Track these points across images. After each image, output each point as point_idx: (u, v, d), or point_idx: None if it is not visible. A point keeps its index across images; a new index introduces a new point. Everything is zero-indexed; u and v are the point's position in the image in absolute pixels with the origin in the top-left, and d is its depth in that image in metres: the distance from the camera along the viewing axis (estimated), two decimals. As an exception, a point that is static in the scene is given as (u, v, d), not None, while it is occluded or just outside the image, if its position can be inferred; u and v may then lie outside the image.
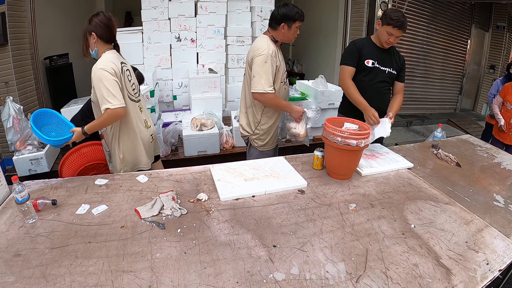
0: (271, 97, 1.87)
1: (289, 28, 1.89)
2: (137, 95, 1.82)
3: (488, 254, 1.16)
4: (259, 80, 1.84)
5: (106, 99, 1.52)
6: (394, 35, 1.99)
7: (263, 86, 1.83)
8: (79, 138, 1.62)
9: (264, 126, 2.04)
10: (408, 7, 5.14)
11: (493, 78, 6.51)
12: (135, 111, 1.76)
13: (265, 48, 1.85)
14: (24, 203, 1.20)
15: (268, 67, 1.83)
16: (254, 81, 1.86)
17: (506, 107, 3.04)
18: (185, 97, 4.11)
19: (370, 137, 1.63)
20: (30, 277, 0.97)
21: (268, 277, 1.02)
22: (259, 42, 1.92)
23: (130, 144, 1.75)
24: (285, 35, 1.91)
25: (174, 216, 1.30)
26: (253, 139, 2.09)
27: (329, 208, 1.40)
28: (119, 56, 1.74)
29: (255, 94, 1.88)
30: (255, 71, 1.86)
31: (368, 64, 2.08)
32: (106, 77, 1.53)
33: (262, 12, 4.09)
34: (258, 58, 1.84)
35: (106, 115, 1.54)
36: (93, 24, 1.63)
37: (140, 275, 1.00)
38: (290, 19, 1.86)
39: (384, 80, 2.12)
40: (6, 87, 3.22)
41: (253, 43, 1.98)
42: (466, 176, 1.78)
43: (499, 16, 6.56)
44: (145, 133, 1.83)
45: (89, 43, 1.67)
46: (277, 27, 1.89)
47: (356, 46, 2.11)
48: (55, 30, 4.37)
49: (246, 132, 2.13)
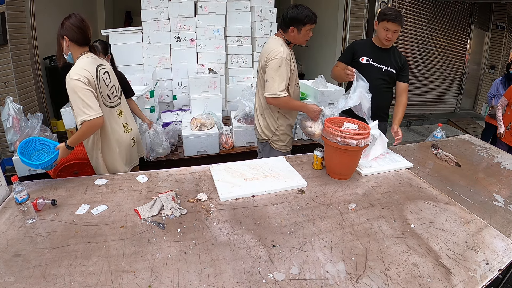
0: (284, 100, 1.83)
1: (299, 32, 1.84)
2: (116, 98, 1.77)
3: (487, 254, 1.16)
4: (272, 84, 1.80)
5: (82, 111, 1.49)
6: (390, 30, 2.00)
7: (276, 90, 1.79)
8: (65, 153, 1.59)
9: (283, 127, 2.02)
10: (408, 7, 5.14)
11: (493, 78, 6.51)
12: (111, 117, 1.71)
13: (279, 51, 1.80)
14: (23, 203, 1.20)
15: (282, 71, 1.80)
16: (268, 85, 1.83)
17: (511, 109, 2.97)
18: (184, 97, 4.11)
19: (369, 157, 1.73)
20: (29, 277, 0.97)
21: (268, 277, 1.02)
22: (273, 44, 1.87)
23: (107, 151, 1.72)
24: (295, 38, 1.87)
25: (174, 216, 1.30)
26: (274, 141, 2.05)
27: (329, 208, 1.40)
28: (96, 58, 1.66)
29: (268, 98, 1.85)
30: (268, 75, 1.82)
31: (363, 61, 2.13)
32: (80, 87, 1.49)
33: (262, 12, 4.09)
34: (272, 62, 1.80)
35: (84, 127, 1.51)
36: (65, 28, 1.57)
37: (140, 275, 1.00)
38: (299, 22, 1.80)
39: (381, 77, 2.14)
40: (5, 87, 3.22)
41: (266, 45, 1.94)
42: (466, 176, 1.78)
43: (498, 16, 6.56)
44: (125, 138, 1.79)
45: (62, 48, 1.62)
46: (286, 30, 1.86)
47: (353, 45, 2.20)
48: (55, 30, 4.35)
49: (264, 135, 2.07)
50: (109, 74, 1.73)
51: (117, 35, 3.76)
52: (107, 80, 1.69)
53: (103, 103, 1.64)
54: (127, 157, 1.82)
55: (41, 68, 3.84)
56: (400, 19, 1.97)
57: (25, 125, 2.76)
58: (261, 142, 2.14)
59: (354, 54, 2.15)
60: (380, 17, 2.04)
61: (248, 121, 3.16)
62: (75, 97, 1.50)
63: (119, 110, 1.78)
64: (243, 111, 3.15)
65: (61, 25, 1.59)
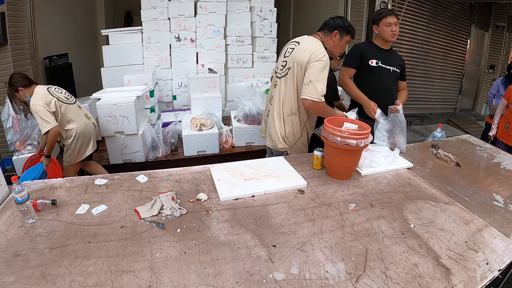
0: (322, 106, 1.76)
1: (341, 39, 1.82)
2: (71, 99, 2.38)
3: (487, 254, 1.16)
4: (316, 87, 1.70)
5: (43, 125, 2.09)
6: (392, 23, 2.08)
7: (319, 94, 1.71)
8: (46, 161, 2.25)
9: (303, 140, 1.96)
10: (408, 7, 5.14)
11: (493, 78, 6.52)
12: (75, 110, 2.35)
13: (324, 53, 1.73)
14: (23, 203, 1.20)
15: (325, 75, 1.73)
16: (310, 87, 1.71)
17: (510, 109, 2.95)
18: (184, 97, 4.11)
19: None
20: (29, 277, 0.97)
21: (268, 277, 1.02)
22: (314, 45, 1.78)
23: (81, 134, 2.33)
24: (335, 44, 1.84)
25: (174, 216, 1.30)
26: (294, 151, 1.98)
27: (329, 208, 1.40)
28: (43, 85, 2.24)
29: (307, 101, 1.74)
30: (312, 76, 1.71)
31: (373, 64, 2.13)
32: (39, 109, 2.08)
33: (262, 12, 4.09)
34: (318, 64, 1.71)
35: (49, 136, 2.13)
36: (15, 83, 2.12)
37: (139, 275, 1.00)
38: (343, 29, 1.81)
39: (391, 78, 2.18)
40: (6, 87, 3.21)
41: (306, 44, 1.82)
42: (466, 176, 1.78)
43: (498, 16, 6.57)
44: (89, 123, 2.42)
45: (21, 98, 2.17)
46: (329, 33, 1.83)
47: (359, 48, 2.19)
48: (55, 30, 4.38)
49: (284, 144, 1.94)
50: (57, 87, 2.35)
51: (117, 35, 3.76)
52: (58, 90, 2.31)
53: (64, 103, 2.27)
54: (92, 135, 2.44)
55: (41, 68, 3.84)
56: (394, 11, 2.11)
57: (25, 125, 2.76)
58: (278, 152, 1.98)
59: (362, 57, 2.14)
60: (377, 18, 2.12)
61: (248, 121, 3.16)
62: (37, 116, 2.09)
63: (78, 105, 2.43)
64: (243, 111, 3.16)
65: (10, 85, 2.14)
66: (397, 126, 1.91)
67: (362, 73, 2.18)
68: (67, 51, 4.47)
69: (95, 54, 5.53)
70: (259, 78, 4.26)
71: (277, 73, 1.96)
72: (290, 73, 1.84)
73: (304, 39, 1.87)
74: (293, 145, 1.96)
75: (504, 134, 3.01)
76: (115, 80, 3.54)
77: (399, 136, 1.92)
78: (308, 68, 1.74)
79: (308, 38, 1.87)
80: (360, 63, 2.15)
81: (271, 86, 2.08)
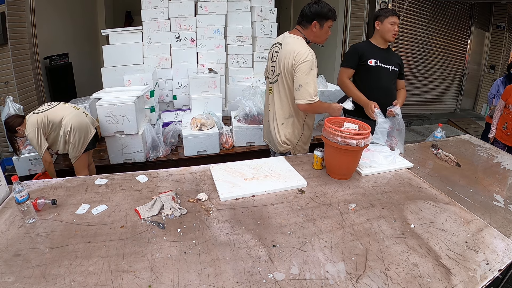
0: (318, 104, 1.74)
1: (321, 27, 1.74)
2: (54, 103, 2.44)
3: (488, 254, 1.16)
4: (307, 90, 1.68)
5: (38, 150, 2.23)
6: (396, 23, 2.10)
7: (311, 95, 1.69)
8: None
9: (305, 137, 1.97)
10: (408, 7, 5.14)
11: (493, 78, 6.51)
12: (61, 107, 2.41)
13: (307, 52, 1.69)
14: (24, 203, 1.20)
15: (314, 74, 1.70)
16: (301, 92, 1.70)
17: (508, 110, 2.95)
18: (185, 97, 4.11)
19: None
20: (30, 277, 0.97)
21: (268, 277, 1.02)
22: (298, 46, 1.73)
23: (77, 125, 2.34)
24: (317, 34, 1.77)
25: (174, 216, 1.30)
26: (296, 150, 1.99)
27: (329, 208, 1.40)
28: (33, 113, 2.30)
29: (302, 106, 1.73)
30: (301, 80, 1.69)
31: (371, 64, 2.13)
32: (32, 136, 2.19)
33: (262, 12, 4.09)
34: (303, 65, 1.67)
35: (43, 162, 2.29)
36: (12, 125, 2.23)
37: (140, 275, 1.00)
38: (322, 17, 1.71)
39: (390, 78, 2.18)
40: (6, 87, 3.22)
41: (289, 46, 1.77)
42: (466, 176, 1.78)
43: (499, 16, 6.56)
44: (79, 112, 2.43)
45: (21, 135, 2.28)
46: (308, 25, 1.75)
47: (357, 49, 2.19)
48: (55, 30, 4.38)
49: (287, 145, 1.95)
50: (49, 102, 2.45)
51: (117, 35, 3.76)
52: (51, 104, 2.41)
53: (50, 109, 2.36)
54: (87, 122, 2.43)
55: (41, 68, 3.84)
56: (397, 13, 2.14)
57: (25, 125, 2.76)
58: (284, 151, 2.00)
59: (361, 57, 2.13)
60: (383, 15, 2.11)
61: (248, 121, 3.16)
62: (33, 143, 2.23)
63: (63, 103, 2.50)
64: (243, 111, 3.16)
65: (8, 130, 2.26)
66: (395, 128, 1.91)
67: (361, 73, 2.17)
68: (67, 51, 4.48)
69: (95, 54, 5.53)
70: (259, 78, 4.26)
71: (269, 78, 1.97)
72: (280, 79, 1.84)
73: (286, 40, 1.82)
74: (296, 143, 1.98)
75: (502, 135, 3.01)
76: (116, 80, 3.54)
77: (397, 139, 1.93)
78: (295, 72, 1.72)
79: (289, 37, 1.82)
80: (359, 63, 2.15)
81: (266, 91, 2.07)
